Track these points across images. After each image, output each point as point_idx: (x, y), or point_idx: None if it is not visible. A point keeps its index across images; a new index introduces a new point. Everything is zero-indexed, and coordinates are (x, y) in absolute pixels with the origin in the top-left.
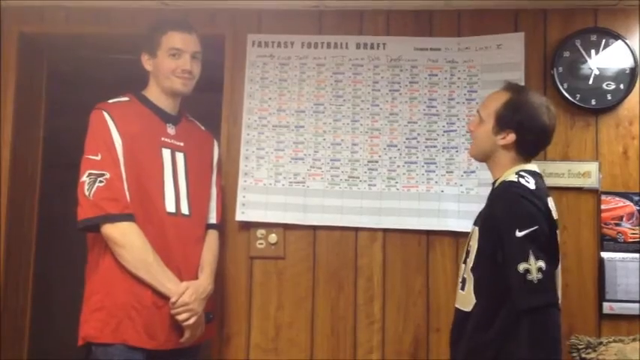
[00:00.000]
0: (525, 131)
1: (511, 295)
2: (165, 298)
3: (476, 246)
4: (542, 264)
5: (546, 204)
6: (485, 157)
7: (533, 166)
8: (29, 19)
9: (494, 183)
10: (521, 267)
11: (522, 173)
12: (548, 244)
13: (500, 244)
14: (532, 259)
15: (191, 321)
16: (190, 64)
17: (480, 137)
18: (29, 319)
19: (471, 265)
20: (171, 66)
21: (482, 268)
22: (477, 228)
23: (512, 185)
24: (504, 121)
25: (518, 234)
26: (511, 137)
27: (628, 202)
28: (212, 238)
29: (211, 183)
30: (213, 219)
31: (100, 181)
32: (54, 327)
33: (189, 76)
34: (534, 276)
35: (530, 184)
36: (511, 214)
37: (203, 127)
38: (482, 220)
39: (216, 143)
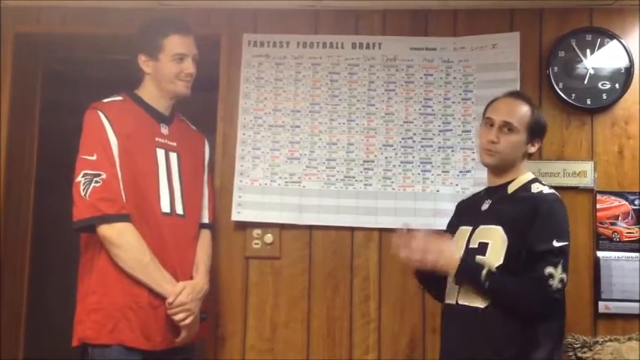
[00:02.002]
0: (544, 137)
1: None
2: (160, 298)
3: (504, 246)
4: (564, 276)
5: None
6: (507, 165)
7: None
8: (25, 19)
9: (503, 186)
10: (547, 270)
11: (544, 183)
12: None
13: (531, 246)
14: (560, 268)
15: (188, 321)
16: (193, 67)
17: (511, 147)
18: (25, 319)
19: (498, 263)
20: (176, 70)
21: (511, 267)
22: (497, 228)
23: (556, 197)
24: (537, 131)
25: (556, 244)
26: (538, 144)
27: (623, 202)
28: (205, 237)
29: (203, 183)
30: (205, 218)
31: (96, 182)
32: (50, 326)
33: (191, 79)
34: (555, 283)
35: (559, 195)
36: (554, 224)
37: (194, 127)
38: (516, 222)
39: (207, 143)
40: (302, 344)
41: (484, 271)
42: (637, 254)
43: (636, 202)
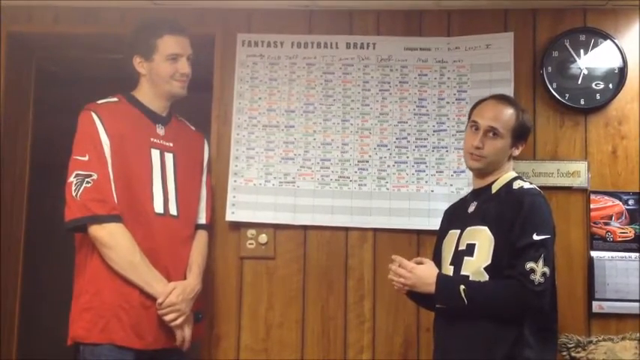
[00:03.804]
0: (528, 137)
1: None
2: (152, 298)
3: (491, 245)
4: (547, 270)
5: None
6: (491, 169)
7: None
8: (17, 19)
9: (488, 187)
10: (528, 265)
11: (526, 180)
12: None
13: (513, 241)
14: (541, 262)
15: (179, 321)
16: (188, 67)
17: (496, 152)
18: (18, 319)
19: (487, 263)
20: (170, 71)
21: (499, 266)
22: (483, 228)
23: (536, 191)
24: (522, 134)
25: (536, 237)
26: (522, 146)
27: (617, 202)
28: (201, 238)
29: (201, 183)
30: (202, 219)
31: (88, 182)
32: (43, 327)
33: (187, 79)
34: (537, 278)
35: (540, 190)
36: (534, 218)
37: (193, 127)
38: (500, 220)
39: (206, 143)
40: (296, 344)
41: (461, 288)
42: (630, 254)
43: (630, 202)
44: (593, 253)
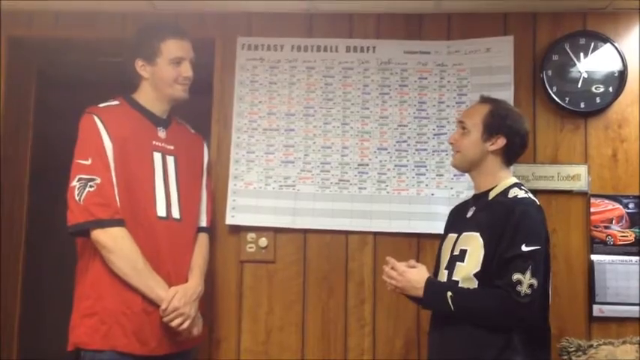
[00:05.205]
0: (514, 134)
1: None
2: (155, 303)
3: (481, 252)
4: (534, 281)
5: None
6: (471, 167)
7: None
8: (18, 24)
9: (486, 192)
10: (515, 277)
11: (523, 187)
12: (546, 260)
13: (502, 251)
14: (528, 274)
15: (185, 325)
16: (190, 71)
17: (467, 147)
18: (18, 322)
19: (476, 270)
20: (174, 74)
21: (489, 273)
22: (476, 234)
23: (529, 201)
24: (494, 126)
25: (525, 249)
26: (501, 141)
27: (617, 205)
28: (202, 241)
29: (201, 186)
30: (203, 222)
31: (91, 186)
32: (43, 330)
33: (189, 82)
34: (524, 289)
35: (535, 199)
36: (524, 229)
37: (192, 130)
38: (491, 228)
39: (206, 145)
40: (296, 347)
41: (448, 294)
42: (631, 257)
43: (630, 206)
44: (594, 257)
